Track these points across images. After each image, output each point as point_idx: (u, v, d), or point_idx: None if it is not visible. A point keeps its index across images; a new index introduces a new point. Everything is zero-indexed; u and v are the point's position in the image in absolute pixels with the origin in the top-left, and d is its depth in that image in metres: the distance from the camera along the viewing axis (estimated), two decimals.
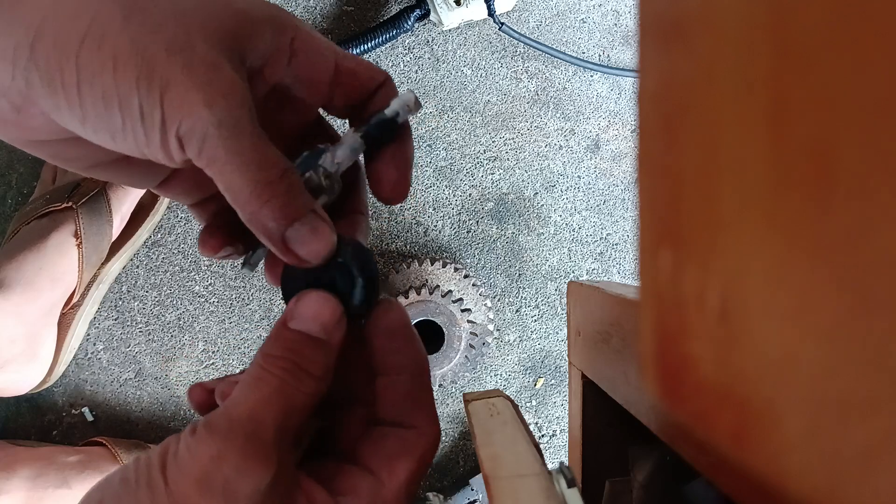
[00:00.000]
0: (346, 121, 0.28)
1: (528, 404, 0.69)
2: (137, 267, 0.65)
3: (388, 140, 0.26)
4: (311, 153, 0.26)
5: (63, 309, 0.60)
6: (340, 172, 0.26)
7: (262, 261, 0.28)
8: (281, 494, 0.20)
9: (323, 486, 0.22)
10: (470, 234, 0.67)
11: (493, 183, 0.67)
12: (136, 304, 0.65)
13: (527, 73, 0.67)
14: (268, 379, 0.21)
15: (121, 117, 0.20)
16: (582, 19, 0.67)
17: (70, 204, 0.57)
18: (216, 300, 0.66)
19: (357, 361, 0.25)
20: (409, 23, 0.62)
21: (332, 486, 0.22)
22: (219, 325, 0.66)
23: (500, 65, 0.66)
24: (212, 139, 0.20)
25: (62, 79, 0.20)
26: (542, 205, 0.67)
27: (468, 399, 0.31)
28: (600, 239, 0.68)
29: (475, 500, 0.65)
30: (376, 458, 0.23)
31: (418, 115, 0.66)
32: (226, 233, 0.27)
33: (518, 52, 0.66)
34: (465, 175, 0.67)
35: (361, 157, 0.27)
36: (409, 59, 0.66)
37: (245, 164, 0.21)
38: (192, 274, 0.65)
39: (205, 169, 0.21)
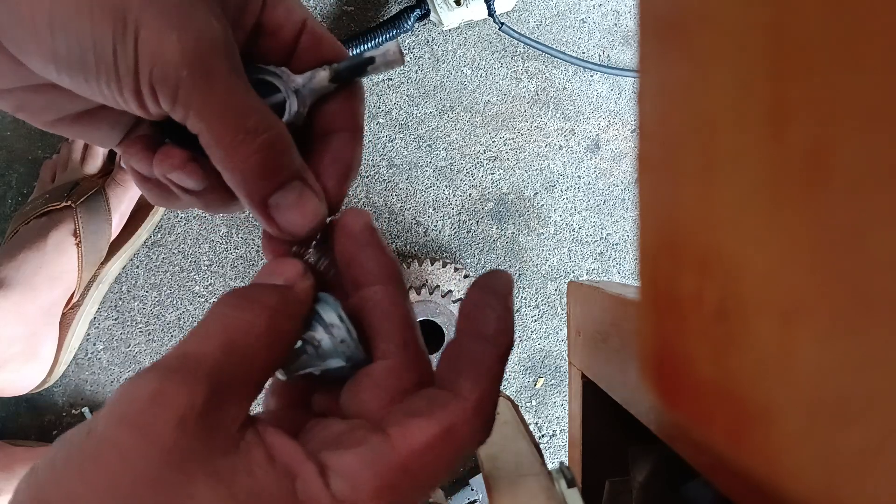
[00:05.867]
0: None
1: (528, 404, 0.69)
2: (137, 267, 0.65)
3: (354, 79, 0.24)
4: (261, 69, 0.23)
5: (63, 309, 0.60)
6: (305, 106, 0.23)
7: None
8: (223, 439, 0.17)
9: (301, 440, 0.19)
10: (470, 234, 0.67)
11: (493, 183, 0.67)
12: (136, 304, 0.65)
13: (527, 73, 0.67)
14: (208, 317, 0.20)
15: (94, 60, 0.19)
16: (582, 19, 0.67)
17: (69, 203, 0.57)
18: (216, 300, 0.66)
19: None
20: (409, 23, 0.62)
21: (319, 439, 0.19)
22: None
23: (500, 65, 0.66)
24: (185, 84, 0.20)
25: (34, 22, 0.19)
26: (542, 205, 0.67)
27: None
28: (600, 239, 0.68)
29: (475, 500, 0.65)
30: (392, 415, 0.19)
31: (419, 114, 0.66)
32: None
33: (518, 52, 0.66)
34: (465, 175, 0.67)
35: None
36: (409, 59, 0.66)
37: (221, 110, 0.20)
38: (192, 274, 0.65)
39: (182, 121, 0.20)
